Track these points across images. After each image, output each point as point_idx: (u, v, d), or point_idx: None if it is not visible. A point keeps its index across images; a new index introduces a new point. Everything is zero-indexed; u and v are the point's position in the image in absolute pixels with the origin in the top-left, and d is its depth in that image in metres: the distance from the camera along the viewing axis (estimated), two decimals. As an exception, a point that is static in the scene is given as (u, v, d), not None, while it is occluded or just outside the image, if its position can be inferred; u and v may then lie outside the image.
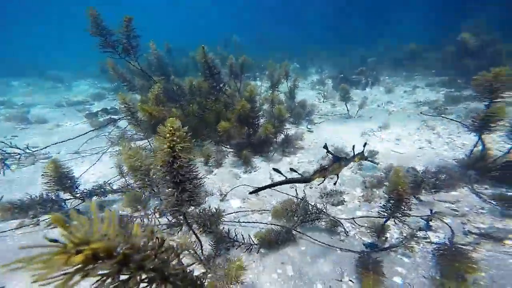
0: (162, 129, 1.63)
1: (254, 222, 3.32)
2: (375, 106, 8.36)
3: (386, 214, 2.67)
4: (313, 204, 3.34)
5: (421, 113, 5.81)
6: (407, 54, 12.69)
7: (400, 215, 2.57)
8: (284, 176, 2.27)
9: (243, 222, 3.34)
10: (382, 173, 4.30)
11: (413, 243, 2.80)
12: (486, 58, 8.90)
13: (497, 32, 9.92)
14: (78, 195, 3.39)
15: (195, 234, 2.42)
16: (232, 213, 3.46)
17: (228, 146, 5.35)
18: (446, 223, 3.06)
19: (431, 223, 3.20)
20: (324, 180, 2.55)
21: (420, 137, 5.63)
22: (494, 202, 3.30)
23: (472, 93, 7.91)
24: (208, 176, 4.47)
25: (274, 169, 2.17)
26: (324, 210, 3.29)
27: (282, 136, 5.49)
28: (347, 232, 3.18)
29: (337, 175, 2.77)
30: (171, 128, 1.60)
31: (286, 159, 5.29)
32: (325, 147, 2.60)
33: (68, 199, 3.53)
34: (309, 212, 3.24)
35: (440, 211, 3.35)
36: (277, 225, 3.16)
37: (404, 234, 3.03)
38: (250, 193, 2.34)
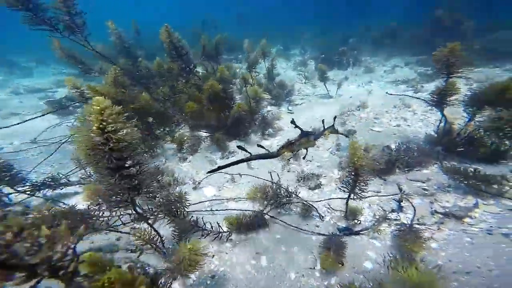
0: (88, 109, 1.35)
1: (226, 210, 3.19)
2: (355, 86, 8.28)
3: (346, 191, 2.66)
4: (285, 187, 3.24)
5: (386, 92, 5.80)
6: (388, 33, 12.56)
7: (359, 190, 2.55)
8: (249, 152, 2.20)
9: (215, 210, 3.20)
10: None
11: (385, 226, 2.81)
12: (459, 35, 8.98)
13: (471, 10, 9.98)
14: (25, 188, 3.04)
15: (151, 226, 2.24)
16: (204, 201, 3.29)
17: (204, 131, 5.06)
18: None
19: (402, 204, 3.24)
20: (294, 154, 2.52)
21: (397, 115, 5.65)
22: (455, 178, 3.33)
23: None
24: (182, 164, 4.22)
25: (238, 147, 2.12)
26: (295, 193, 3.20)
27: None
28: (323, 217, 3.14)
29: (307, 149, 2.82)
30: (99, 107, 1.32)
31: (266, 142, 5.13)
32: (292, 122, 2.52)
33: (12, 193, 3.17)
34: (280, 196, 3.14)
35: (411, 191, 3.39)
36: (249, 210, 3.05)
37: (377, 217, 3.05)
38: (208, 172, 2.17)
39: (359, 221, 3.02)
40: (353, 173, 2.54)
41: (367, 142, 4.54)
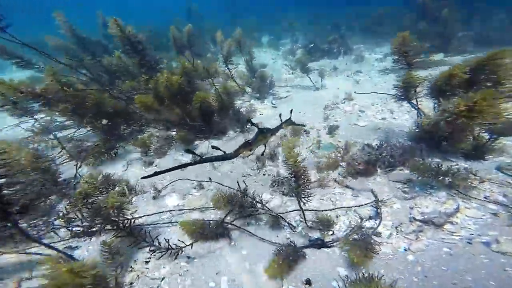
0: None
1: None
2: (343, 76, 7.87)
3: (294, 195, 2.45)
4: (251, 196, 2.94)
5: (354, 92, 5.50)
6: (376, 20, 12.02)
7: (304, 196, 2.36)
8: (199, 155, 2.08)
9: (175, 222, 2.90)
10: (339, 151, 3.98)
11: (358, 235, 2.55)
12: (442, 22, 8.58)
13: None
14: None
15: (54, 249, 1.93)
16: (160, 212, 2.99)
17: (174, 130, 4.69)
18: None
19: (380, 210, 2.99)
20: (252, 152, 2.50)
21: (384, 107, 5.33)
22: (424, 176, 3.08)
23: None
24: (147, 169, 3.89)
25: (186, 150, 1.92)
26: (261, 202, 2.91)
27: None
28: (294, 227, 2.87)
29: (265, 145, 2.87)
30: None
31: (243, 140, 4.78)
32: (249, 120, 2.50)
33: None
34: (246, 206, 2.86)
35: (391, 194, 3.13)
36: (211, 220, 2.77)
37: (352, 225, 2.79)
38: (142, 178, 1.90)
39: (332, 232, 2.76)
40: (293, 177, 2.37)
41: (349, 139, 4.23)
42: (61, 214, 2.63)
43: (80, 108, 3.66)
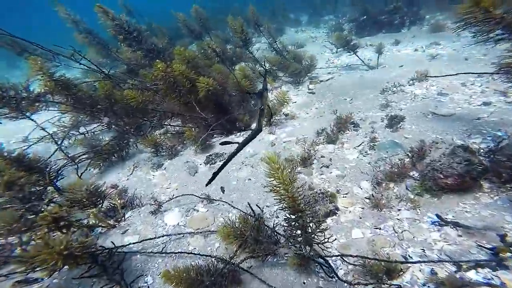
0: None
1: (182, 253, 2.16)
2: (410, 51, 5.94)
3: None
4: (271, 228, 1.99)
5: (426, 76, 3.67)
6: None
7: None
8: (235, 142, 1.81)
9: (171, 253, 2.20)
10: (407, 154, 2.64)
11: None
12: None
13: None
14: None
15: None
16: (154, 237, 2.32)
17: (191, 125, 4.05)
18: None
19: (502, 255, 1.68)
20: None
21: (484, 87, 3.54)
22: None
23: None
24: (154, 173, 3.34)
25: (222, 143, 1.88)
26: (284, 235, 1.94)
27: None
28: (334, 271, 1.84)
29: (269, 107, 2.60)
30: None
31: (269, 138, 3.82)
32: (247, 92, 2.37)
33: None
34: (262, 240, 1.94)
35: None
36: (217, 257, 1.96)
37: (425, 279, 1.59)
38: (207, 184, 1.68)
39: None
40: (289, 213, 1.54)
41: (423, 135, 2.82)
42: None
43: (89, 102, 3.31)
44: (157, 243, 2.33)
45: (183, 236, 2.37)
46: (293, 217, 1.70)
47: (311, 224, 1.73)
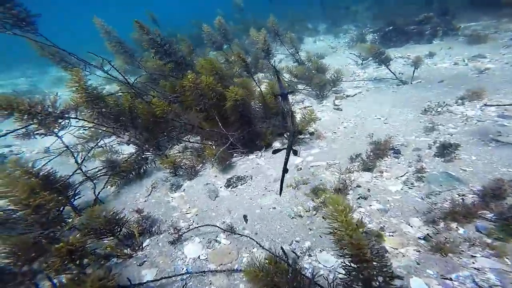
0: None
1: (204, 302, 1.88)
2: (449, 64, 5.47)
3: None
4: (309, 276, 1.67)
5: (485, 104, 3.17)
6: None
7: None
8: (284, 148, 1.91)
9: (190, 296, 1.93)
10: (469, 188, 2.23)
11: None
12: None
13: None
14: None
15: None
16: (174, 275, 2.06)
17: (211, 143, 3.84)
18: None
19: None
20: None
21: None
22: None
23: None
24: (173, 195, 3.13)
25: (274, 151, 2.02)
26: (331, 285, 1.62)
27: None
28: None
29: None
30: None
31: (294, 160, 3.52)
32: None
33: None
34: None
35: None
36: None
37: None
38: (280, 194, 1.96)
39: None
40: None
41: (489, 167, 2.39)
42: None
43: (113, 117, 3.22)
44: (176, 279, 2.07)
45: (204, 273, 2.10)
46: (355, 266, 1.41)
47: (378, 278, 1.41)
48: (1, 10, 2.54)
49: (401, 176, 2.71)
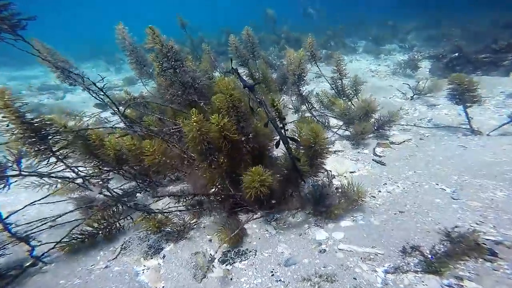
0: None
1: None
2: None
3: None
4: None
5: None
6: None
7: None
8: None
9: None
10: None
11: None
12: None
13: None
14: None
15: None
16: None
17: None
18: None
19: None
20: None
21: None
22: None
23: None
24: (145, 264, 2.32)
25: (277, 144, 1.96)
26: None
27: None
28: None
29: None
30: None
31: (316, 235, 2.53)
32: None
33: None
34: None
35: None
36: None
37: None
38: None
39: None
40: None
41: None
42: None
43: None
44: None
45: None
46: None
47: None
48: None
49: None
